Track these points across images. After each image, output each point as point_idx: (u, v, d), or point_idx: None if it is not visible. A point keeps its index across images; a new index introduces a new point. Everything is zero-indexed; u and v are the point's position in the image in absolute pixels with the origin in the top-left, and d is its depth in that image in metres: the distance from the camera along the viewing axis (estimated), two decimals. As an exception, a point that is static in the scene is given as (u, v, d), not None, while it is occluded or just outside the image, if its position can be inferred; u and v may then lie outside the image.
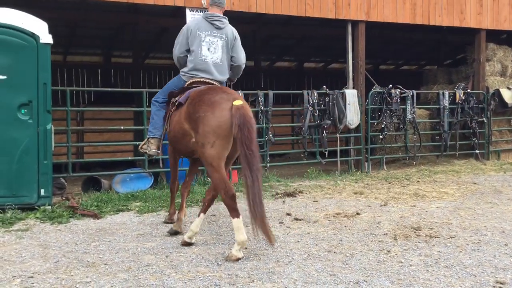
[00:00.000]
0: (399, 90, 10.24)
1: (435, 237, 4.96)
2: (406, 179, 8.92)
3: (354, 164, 10.04)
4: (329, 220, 5.81)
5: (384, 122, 10.04)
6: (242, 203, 5.16)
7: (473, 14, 10.95)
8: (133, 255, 4.49)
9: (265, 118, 8.93)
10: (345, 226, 5.50)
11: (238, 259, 4.25)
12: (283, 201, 7.01)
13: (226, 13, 8.69)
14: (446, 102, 10.81)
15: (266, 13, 9.06)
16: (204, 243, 4.86)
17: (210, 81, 5.23)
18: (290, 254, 4.46)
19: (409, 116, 10.30)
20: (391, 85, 10.25)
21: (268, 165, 9.01)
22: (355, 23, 9.83)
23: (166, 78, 17.92)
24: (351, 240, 4.93)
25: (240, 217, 4.38)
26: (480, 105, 11.19)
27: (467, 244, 4.71)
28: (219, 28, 5.34)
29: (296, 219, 5.89)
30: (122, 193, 7.46)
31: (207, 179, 8.15)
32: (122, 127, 10.18)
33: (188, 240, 4.77)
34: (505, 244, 4.69)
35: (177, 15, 10.22)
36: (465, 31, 11.47)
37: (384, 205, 6.62)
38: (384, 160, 10.33)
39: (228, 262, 4.22)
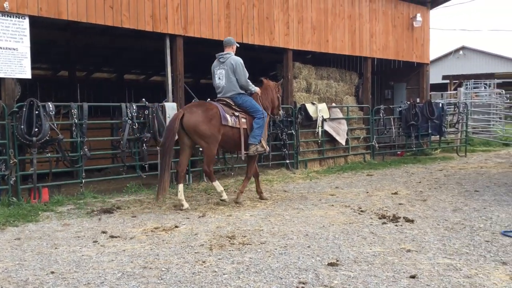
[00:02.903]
0: (217, 103, 10.60)
1: (248, 244, 5.22)
2: (224, 190, 9.23)
3: (175, 177, 10.04)
4: (147, 235, 5.71)
5: (204, 135, 10.25)
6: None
7: (281, 35, 11.93)
8: None
9: (79, 132, 8.44)
10: (163, 240, 5.47)
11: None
12: (99, 219, 6.70)
13: (33, 19, 8.10)
14: (260, 115, 11.51)
15: (79, 21, 8.61)
16: (5, 271, 4.38)
17: (221, 98, 7.98)
18: (103, 274, 4.26)
19: (226, 129, 10.69)
20: (209, 99, 10.54)
21: (83, 181, 8.52)
22: (173, 37, 9.91)
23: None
24: (168, 254, 4.91)
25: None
26: (289, 119, 12.18)
27: (275, 249, 5.05)
28: (222, 63, 7.94)
29: (112, 236, 5.67)
30: None
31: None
32: None
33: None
34: (308, 246, 5.15)
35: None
36: (276, 50, 12.42)
37: (202, 216, 6.77)
38: (204, 172, 10.55)
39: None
